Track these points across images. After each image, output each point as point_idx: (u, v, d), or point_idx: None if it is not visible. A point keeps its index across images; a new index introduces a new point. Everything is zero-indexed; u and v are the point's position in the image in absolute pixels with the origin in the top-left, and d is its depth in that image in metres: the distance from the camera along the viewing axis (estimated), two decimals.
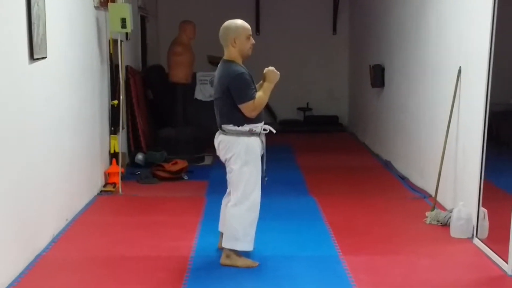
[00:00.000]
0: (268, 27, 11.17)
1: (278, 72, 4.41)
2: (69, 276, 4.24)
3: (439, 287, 4.08)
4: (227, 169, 4.44)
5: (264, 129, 4.44)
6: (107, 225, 5.43)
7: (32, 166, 4.52)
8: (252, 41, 4.37)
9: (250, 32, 4.38)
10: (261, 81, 4.44)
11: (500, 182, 4.64)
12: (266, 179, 4.51)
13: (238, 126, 4.32)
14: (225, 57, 4.39)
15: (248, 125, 4.32)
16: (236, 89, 4.25)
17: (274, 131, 4.52)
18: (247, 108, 4.26)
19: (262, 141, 4.41)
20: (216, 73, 4.43)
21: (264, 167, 4.45)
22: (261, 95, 4.31)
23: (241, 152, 4.31)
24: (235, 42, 4.31)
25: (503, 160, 4.58)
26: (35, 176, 4.58)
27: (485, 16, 4.80)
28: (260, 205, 4.41)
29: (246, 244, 4.36)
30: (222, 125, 4.39)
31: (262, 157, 4.43)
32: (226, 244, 4.38)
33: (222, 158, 4.45)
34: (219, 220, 4.69)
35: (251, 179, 4.33)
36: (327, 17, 11.38)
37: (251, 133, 4.33)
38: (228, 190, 4.56)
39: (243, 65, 4.39)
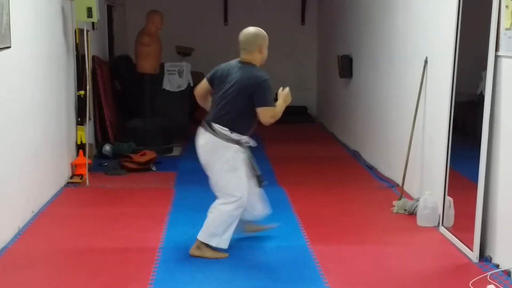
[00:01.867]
0: (236, 18, 11.12)
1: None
2: (35, 268, 4.19)
3: (406, 275, 4.13)
4: (211, 173, 4.38)
5: (247, 142, 4.42)
6: (74, 217, 5.38)
7: None
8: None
9: None
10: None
11: (466, 171, 4.70)
12: (263, 183, 4.55)
13: (232, 132, 4.29)
14: (247, 59, 4.38)
15: (238, 135, 4.31)
16: (263, 93, 4.27)
17: (256, 145, 4.51)
18: (267, 112, 4.27)
19: (245, 151, 4.41)
20: (234, 72, 4.34)
21: (258, 172, 4.49)
22: (278, 110, 4.39)
23: (230, 159, 4.29)
24: (261, 49, 4.39)
25: (468, 149, 4.64)
26: None
27: (451, 7, 4.85)
28: None
29: (222, 242, 4.35)
30: (216, 124, 4.30)
31: (251, 164, 4.45)
32: (202, 237, 4.35)
33: (205, 160, 4.37)
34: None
35: (240, 183, 4.33)
36: (296, 7, 11.39)
37: (237, 143, 4.33)
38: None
39: None
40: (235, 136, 4.30)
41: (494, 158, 4.23)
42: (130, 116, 8.42)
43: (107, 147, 7.68)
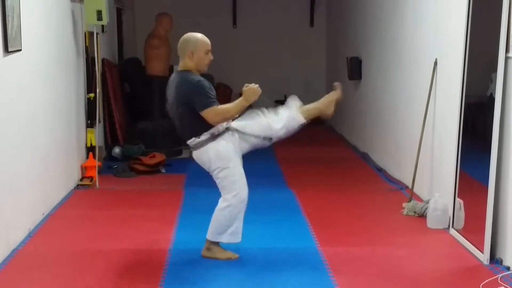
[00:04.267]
0: (245, 20, 11.14)
1: (259, 90, 4.28)
2: (46, 270, 4.21)
3: (416, 277, 4.11)
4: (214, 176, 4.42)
5: (227, 128, 4.32)
6: (84, 219, 5.40)
7: (3, 160, 4.43)
8: (211, 57, 4.33)
9: (210, 48, 4.33)
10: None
11: (476, 174, 4.68)
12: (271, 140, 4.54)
13: (199, 137, 4.27)
14: (180, 67, 4.31)
15: (208, 132, 4.26)
16: (197, 96, 4.18)
17: (244, 132, 4.38)
18: (209, 114, 4.17)
19: (232, 139, 4.33)
20: (171, 85, 4.33)
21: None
22: (229, 106, 4.25)
23: (214, 159, 4.28)
24: (192, 55, 4.25)
25: (478, 151, 4.62)
26: (6, 170, 4.48)
27: (461, 8, 4.84)
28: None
29: (232, 237, 4.36)
30: (187, 142, 4.36)
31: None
32: (210, 237, 4.37)
33: (206, 168, 4.44)
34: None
35: (232, 178, 4.30)
36: (304, 9, 11.39)
37: (214, 137, 4.27)
38: None
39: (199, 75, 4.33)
40: (207, 135, 4.25)
41: (505, 160, 4.21)
42: (140, 119, 8.44)
43: (116, 150, 7.70)
